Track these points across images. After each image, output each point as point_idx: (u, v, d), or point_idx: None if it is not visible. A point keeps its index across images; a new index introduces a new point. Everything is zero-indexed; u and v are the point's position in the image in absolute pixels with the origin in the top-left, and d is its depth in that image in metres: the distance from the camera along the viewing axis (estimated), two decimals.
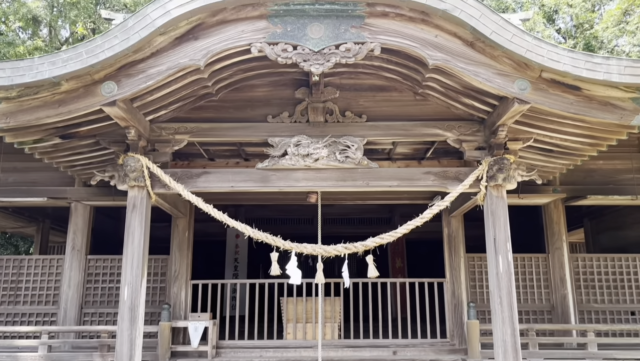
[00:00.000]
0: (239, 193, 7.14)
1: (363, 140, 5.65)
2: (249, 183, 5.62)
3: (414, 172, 5.69)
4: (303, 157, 5.55)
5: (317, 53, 4.73)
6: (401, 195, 7.43)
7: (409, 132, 5.73)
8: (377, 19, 4.76)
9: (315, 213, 13.15)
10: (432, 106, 5.82)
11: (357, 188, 5.64)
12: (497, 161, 5.40)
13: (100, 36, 4.63)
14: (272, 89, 5.87)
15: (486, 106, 5.38)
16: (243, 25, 4.77)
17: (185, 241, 7.33)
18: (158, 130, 5.73)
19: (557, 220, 7.36)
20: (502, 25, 4.60)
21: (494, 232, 5.44)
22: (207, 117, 5.81)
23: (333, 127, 5.73)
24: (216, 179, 5.64)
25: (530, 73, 4.73)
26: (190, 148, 6.38)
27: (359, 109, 5.82)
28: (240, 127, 5.74)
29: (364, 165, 5.58)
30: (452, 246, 7.29)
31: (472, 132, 5.71)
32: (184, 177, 5.62)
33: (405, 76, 5.55)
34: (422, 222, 5.36)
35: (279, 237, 5.25)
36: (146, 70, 4.77)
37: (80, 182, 7.31)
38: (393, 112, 5.82)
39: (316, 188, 5.76)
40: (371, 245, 5.29)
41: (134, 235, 5.43)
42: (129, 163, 5.37)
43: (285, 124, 5.76)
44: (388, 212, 12.58)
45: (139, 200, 5.52)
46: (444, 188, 5.63)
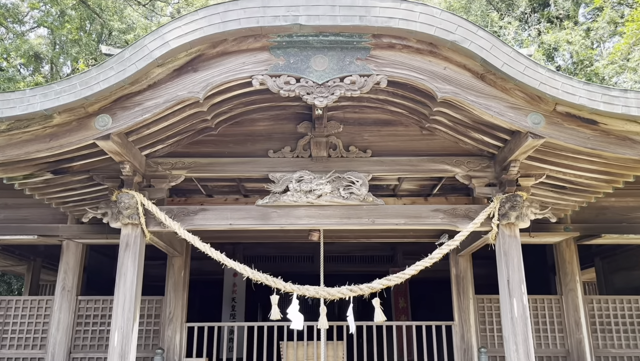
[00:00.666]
0: (237, 231, 6.87)
1: (368, 176, 5.41)
2: (248, 220, 5.35)
3: (421, 210, 5.43)
4: (305, 193, 5.30)
5: (321, 86, 4.54)
6: (406, 233, 7.15)
7: (416, 168, 5.50)
8: (383, 50, 4.59)
9: (316, 250, 12.78)
10: (440, 141, 5.61)
11: (362, 226, 5.36)
12: (510, 198, 5.14)
13: (95, 67, 4.45)
14: (273, 123, 5.67)
15: (497, 141, 5.16)
16: (244, 57, 4.60)
17: (181, 281, 7.00)
18: (154, 166, 5.49)
19: (570, 259, 7.05)
20: (514, 57, 4.43)
21: (507, 273, 5.14)
22: (205, 151, 5.58)
23: (337, 162, 5.50)
24: (214, 216, 5.37)
25: (544, 106, 4.53)
26: (187, 184, 6.13)
27: (363, 144, 5.60)
28: (240, 162, 5.51)
29: (370, 201, 5.33)
30: (461, 287, 6.96)
31: (482, 167, 5.48)
32: (180, 214, 5.35)
33: (412, 110, 5.36)
34: (432, 262, 5.07)
35: (279, 278, 4.95)
36: (143, 103, 4.57)
37: (73, 219, 7.02)
38: (399, 147, 5.61)
39: (319, 226, 5.49)
40: (377, 287, 4.98)
41: (126, 276, 5.12)
42: (123, 199, 5.11)
43: (287, 159, 5.53)
44: (390, 249, 12.26)
45: (133, 239, 5.23)
46: (454, 226, 5.35)
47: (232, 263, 4.99)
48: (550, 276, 9.22)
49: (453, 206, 5.42)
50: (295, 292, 4.94)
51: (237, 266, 4.97)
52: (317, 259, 12.49)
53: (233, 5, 4.44)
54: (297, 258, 12.18)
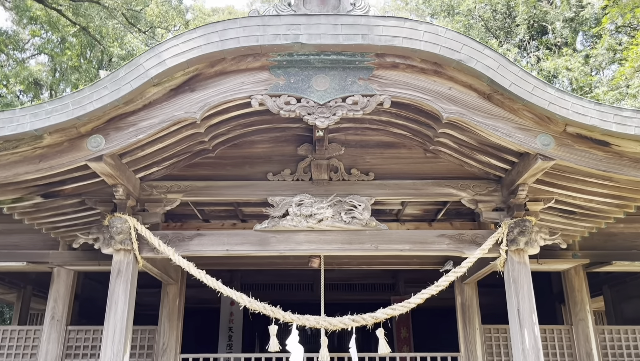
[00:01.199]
0: (235, 258, 6.64)
1: (371, 200, 5.21)
2: (246, 246, 5.13)
3: (426, 235, 5.21)
4: (306, 217, 5.09)
5: (322, 106, 4.38)
6: (409, 260, 6.91)
7: (420, 192, 5.31)
8: (387, 70, 4.45)
9: (316, 278, 12.49)
10: (444, 164, 5.44)
11: (365, 252, 5.14)
12: (518, 223, 4.94)
13: (88, 86, 4.29)
14: (272, 145, 5.50)
15: (504, 163, 4.99)
16: (243, 76, 4.45)
17: (176, 310, 6.73)
18: (149, 189, 5.30)
19: (579, 288, 6.80)
20: (521, 77, 4.29)
21: (517, 302, 4.90)
22: (202, 174, 5.40)
23: (338, 185, 5.31)
24: (210, 242, 5.14)
25: (554, 127, 4.37)
26: (183, 208, 5.93)
27: (365, 167, 5.42)
28: (238, 185, 5.32)
29: (372, 226, 5.12)
30: (467, 316, 6.69)
31: (489, 191, 5.29)
32: (175, 240, 5.13)
33: (416, 132, 5.20)
34: (438, 290, 4.84)
35: (278, 307, 4.71)
36: (137, 123, 4.40)
37: (64, 245, 6.79)
38: (402, 169, 5.43)
39: (320, 252, 5.26)
40: (381, 316, 4.74)
41: (117, 305, 4.88)
42: (115, 224, 4.89)
43: (287, 182, 5.34)
44: (392, 277, 11.97)
45: (125, 266, 5.00)
46: (460, 252, 5.13)
47: (228, 291, 4.75)
48: (557, 305, 8.94)
49: (459, 231, 5.20)
50: (295, 322, 4.69)
51: (233, 294, 4.74)
52: (317, 287, 12.24)
53: (232, 24, 4.32)
54: (296, 286, 11.89)
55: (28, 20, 20.84)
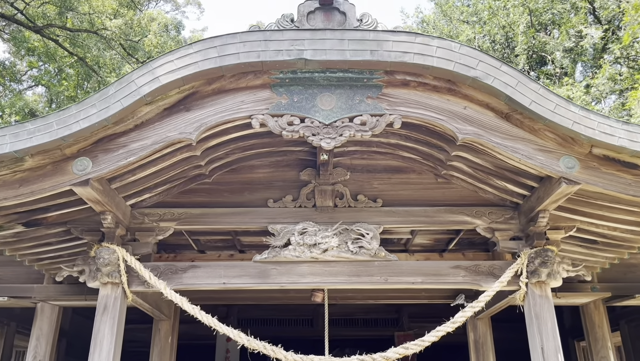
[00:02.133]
0: (232, 291, 6.21)
1: (379, 228, 4.84)
2: (244, 279, 4.72)
3: (440, 266, 4.82)
4: (309, 247, 4.71)
5: (328, 126, 4.06)
6: (417, 294, 6.50)
7: (432, 219, 4.94)
8: (397, 89, 4.15)
9: (316, 313, 12.00)
10: (457, 190, 5.09)
11: (374, 285, 4.74)
12: (539, 253, 4.57)
13: (75, 105, 3.97)
14: (273, 170, 5.16)
15: (522, 189, 4.64)
16: (243, 95, 4.14)
17: (168, 348, 6.25)
18: (140, 217, 4.92)
19: (600, 323, 6.38)
20: (542, 95, 3.98)
21: (540, 340, 4.48)
22: (198, 201, 5.03)
23: (344, 212, 4.95)
24: (205, 274, 4.74)
25: (578, 149, 4.05)
26: (177, 238, 5.54)
27: (373, 193, 5.07)
28: (236, 212, 4.95)
29: (382, 257, 4.73)
30: (480, 354, 6.23)
31: (505, 219, 4.93)
32: (168, 272, 4.73)
33: (427, 155, 4.87)
34: (454, 327, 4.43)
35: (279, 347, 4.27)
36: (128, 145, 4.07)
37: (49, 278, 6.35)
38: (412, 196, 5.08)
39: (325, 285, 4.86)
40: (393, 357, 4.31)
41: (102, 344, 4.44)
42: (102, 255, 4.50)
43: (289, 209, 4.98)
44: (395, 312, 11.47)
45: (112, 301, 4.59)
46: (477, 285, 4.74)
47: (225, 328, 4.33)
48: (570, 342, 8.47)
49: (475, 262, 4.82)
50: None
51: (230, 332, 4.31)
52: (317, 322, 11.75)
53: (231, 39, 4.03)
54: (296, 322, 11.39)
55: (25, 51, 20.79)
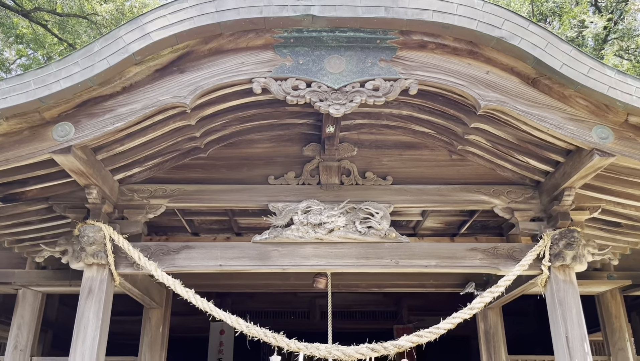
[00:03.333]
0: (225, 278, 5.84)
1: (389, 207, 4.46)
2: (242, 261, 4.33)
3: (456, 249, 4.44)
4: (314, 227, 4.32)
5: (337, 91, 3.67)
6: (424, 282, 6.13)
7: (447, 199, 4.57)
8: (413, 51, 3.77)
9: (312, 305, 11.61)
10: (473, 167, 4.72)
11: (384, 268, 4.36)
12: (564, 235, 4.20)
13: (55, 62, 3.55)
14: (274, 145, 4.76)
15: (546, 165, 4.27)
16: (243, 56, 3.74)
17: (159, 338, 5.85)
18: (129, 193, 4.51)
19: (617, 313, 6.03)
20: (574, 57, 3.61)
21: (564, 327, 4.12)
22: (192, 177, 4.63)
23: (351, 190, 4.56)
24: (200, 256, 4.34)
25: (613, 117, 3.68)
26: (170, 219, 5.16)
27: (382, 170, 4.69)
28: (234, 189, 4.55)
29: (392, 238, 4.35)
30: (491, 346, 5.88)
31: (525, 198, 4.57)
32: (159, 253, 4.32)
33: (442, 129, 4.50)
34: (471, 313, 4.06)
35: (281, 334, 3.89)
36: (115, 109, 3.66)
37: (32, 263, 5.91)
38: (424, 173, 4.70)
39: (330, 268, 4.46)
40: (405, 345, 3.94)
41: (86, 330, 4.03)
42: (87, 233, 4.09)
43: (291, 187, 4.59)
44: (394, 304, 11.15)
45: (98, 283, 4.18)
46: (495, 269, 4.37)
47: (222, 314, 3.94)
48: None
49: (493, 245, 4.44)
50: (302, 352, 3.87)
51: (228, 318, 3.92)
52: (314, 315, 11.39)
53: None
54: (292, 314, 11.02)
55: (14, 38, 20.20)
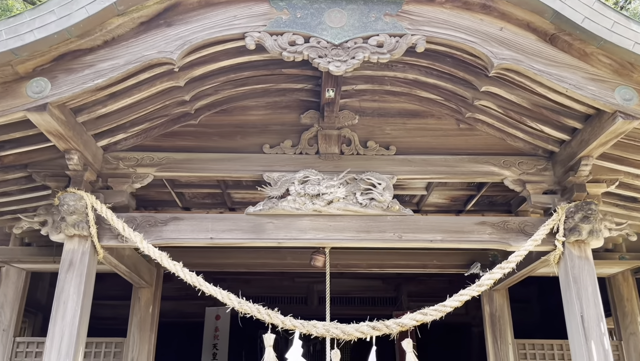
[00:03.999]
0: (218, 256, 5.59)
1: (392, 178, 4.17)
2: (235, 234, 4.04)
3: (463, 222, 4.15)
4: (312, 198, 4.03)
5: (337, 47, 3.37)
6: (427, 262, 5.87)
7: (454, 170, 4.28)
8: (420, 5, 3.46)
9: (309, 290, 11.35)
10: (481, 137, 4.42)
11: (386, 242, 4.08)
12: (580, 207, 3.91)
13: (29, 10, 3.23)
14: (270, 112, 4.46)
15: (562, 132, 3.97)
16: (236, 9, 3.43)
17: (149, 319, 5.58)
18: (114, 162, 4.21)
19: (629, 296, 5.77)
20: (598, 10, 3.30)
21: (579, 307, 3.85)
22: (182, 145, 4.33)
23: (351, 160, 4.27)
24: (190, 228, 4.05)
25: (638, 77, 3.38)
26: (159, 193, 4.88)
27: (385, 139, 4.39)
28: (226, 158, 4.26)
29: (395, 210, 4.07)
30: (497, 329, 5.61)
31: (538, 170, 4.27)
32: (145, 225, 4.03)
33: (449, 95, 4.20)
34: (480, 290, 3.79)
35: (276, 311, 3.61)
36: (95, 64, 3.35)
37: (17, 240, 5.64)
38: (430, 143, 4.40)
39: (330, 243, 4.17)
40: (409, 324, 3.67)
41: (66, 305, 3.75)
42: (67, 201, 3.79)
43: (288, 156, 4.29)
44: (394, 290, 10.92)
45: (79, 256, 3.89)
46: (505, 244, 4.09)
47: (212, 289, 3.67)
48: None
49: (504, 218, 4.16)
50: (298, 330, 3.60)
51: (219, 293, 3.65)
52: (312, 300, 11.14)
53: None
54: (288, 300, 10.75)
55: None
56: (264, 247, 5.05)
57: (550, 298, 8.99)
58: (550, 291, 8.79)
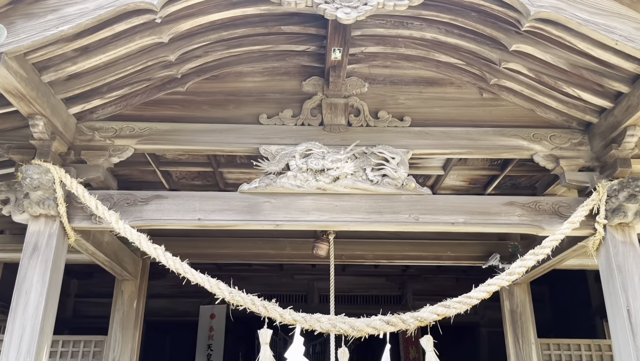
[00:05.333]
0: (208, 245, 5.09)
1: (407, 153, 3.65)
2: (227, 215, 3.50)
3: (489, 203, 3.61)
4: (315, 173, 3.51)
5: None
6: (441, 253, 5.34)
7: (477, 143, 3.75)
8: None
9: (309, 287, 10.82)
10: (507, 108, 3.90)
11: (400, 225, 3.54)
12: (625, 184, 3.39)
13: None
14: (268, 79, 3.93)
15: (603, 98, 3.45)
16: None
17: (132, 315, 5.03)
18: (89, 132, 3.68)
19: None
20: None
21: (624, 299, 3.32)
22: (167, 115, 3.80)
23: (360, 133, 3.74)
24: (174, 207, 3.51)
25: None
26: (142, 172, 4.37)
27: (398, 110, 3.87)
28: (217, 129, 3.73)
29: (411, 189, 3.54)
30: (518, 327, 5.07)
31: (573, 144, 3.75)
32: (123, 204, 3.50)
33: (472, 58, 3.68)
34: (511, 280, 3.25)
35: (274, 302, 3.08)
36: (60, 9, 2.83)
37: None
38: (449, 114, 3.88)
39: (336, 225, 3.62)
40: (429, 317, 3.14)
41: (28, 295, 3.21)
42: (31, 174, 3.26)
43: (288, 127, 3.76)
44: (398, 288, 10.45)
45: (45, 239, 3.36)
46: (536, 228, 3.56)
47: (198, 277, 3.12)
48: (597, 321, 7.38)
49: (534, 199, 3.62)
50: (300, 325, 3.06)
51: (205, 281, 3.11)
52: (312, 298, 10.60)
53: None
54: (288, 298, 10.21)
55: None
56: (260, 230, 4.53)
57: (563, 295, 8.52)
58: (563, 287, 8.32)
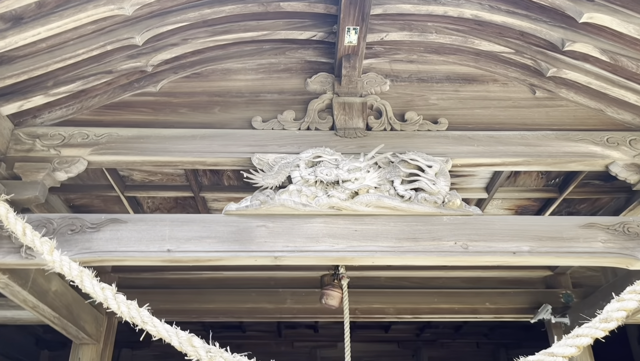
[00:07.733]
0: (186, 301, 4.12)
1: (446, 162, 2.78)
2: (207, 244, 2.55)
3: (561, 225, 2.66)
4: (326, 187, 2.61)
5: None
6: (479, 306, 4.34)
7: (536, 150, 2.88)
8: None
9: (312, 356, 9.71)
10: (567, 110, 3.07)
11: (445, 256, 2.57)
12: None
13: None
14: (263, 77, 3.12)
15: None
16: None
17: None
18: (28, 140, 2.80)
19: None
20: None
21: None
22: (134, 120, 2.94)
23: (383, 138, 2.87)
24: (136, 235, 2.56)
25: None
26: (104, 200, 3.50)
27: (430, 111, 3.02)
28: (199, 135, 2.84)
29: (456, 207, 2.63)
30: None
31: None
32: (66, 231, 2.55)
33: (523, 43, 2.89)
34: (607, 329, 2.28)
35: None
36: None
37: None
38: (496, 117, 3.03)
39: (356, 257, 2.62)
40: None
41: None
42: None
43: (289, 132, 2.90)
44: (411, 355, 9.41)
45: None
46: (628, 258, 2.60)
47: (162, 328, 2.15)
48: None
49: (621, 219, 2.70)
50: None
51: (173, 335, 2.14)
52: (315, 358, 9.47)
53: None
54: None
55: None
56: (254, 278, 3.58)
57: None
58: None
